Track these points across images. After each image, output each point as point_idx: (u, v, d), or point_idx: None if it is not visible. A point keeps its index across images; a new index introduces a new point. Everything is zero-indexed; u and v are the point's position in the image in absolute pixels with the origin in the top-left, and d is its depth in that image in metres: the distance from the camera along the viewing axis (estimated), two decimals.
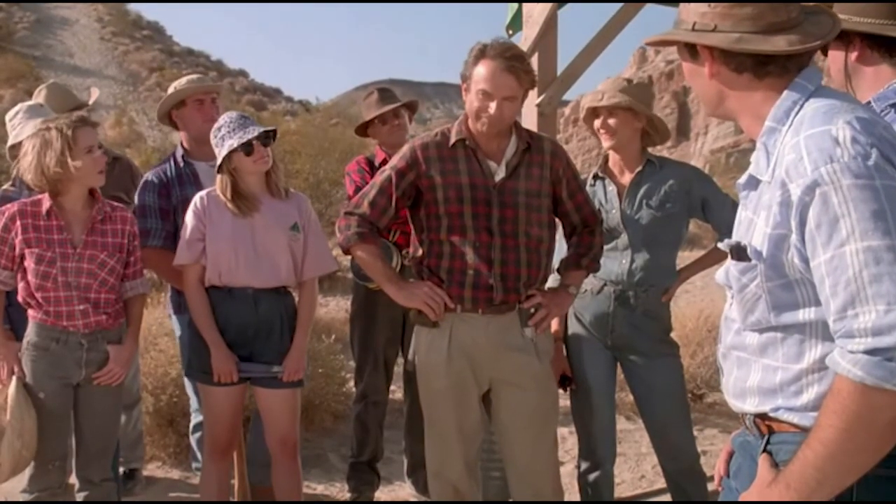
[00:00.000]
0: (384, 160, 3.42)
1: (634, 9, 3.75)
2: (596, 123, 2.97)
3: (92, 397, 2.85)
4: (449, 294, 2.61)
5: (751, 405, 1.44)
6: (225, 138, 2.82)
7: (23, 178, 2.81)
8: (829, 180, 1.22)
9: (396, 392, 4.64)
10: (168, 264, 3.00)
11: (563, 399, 3.09)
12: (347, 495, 3.83)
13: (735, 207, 2.84)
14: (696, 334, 5.73)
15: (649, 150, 3.04)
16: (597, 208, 2.88)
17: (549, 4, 3.60)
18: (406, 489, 3.94)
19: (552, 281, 2.87)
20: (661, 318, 2.98)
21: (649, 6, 3.91)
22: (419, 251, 2.71)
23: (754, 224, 1.37)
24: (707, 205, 2.94)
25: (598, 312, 2.95)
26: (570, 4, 3.99)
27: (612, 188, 2.98)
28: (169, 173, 3.32)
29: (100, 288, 2.82)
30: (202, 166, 3.33)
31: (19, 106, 3.37)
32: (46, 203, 2.78)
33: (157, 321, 5.31)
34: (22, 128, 3.22)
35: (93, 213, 2.83)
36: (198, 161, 3.36)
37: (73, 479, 2.99)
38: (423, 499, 3.67)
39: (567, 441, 4.47)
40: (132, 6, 47.69)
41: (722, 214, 2.91)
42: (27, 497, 2.86)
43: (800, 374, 1.35)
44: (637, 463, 4.46)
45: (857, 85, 1.84)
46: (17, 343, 2.86)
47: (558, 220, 2.83)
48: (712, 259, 3.11)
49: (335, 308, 8.50)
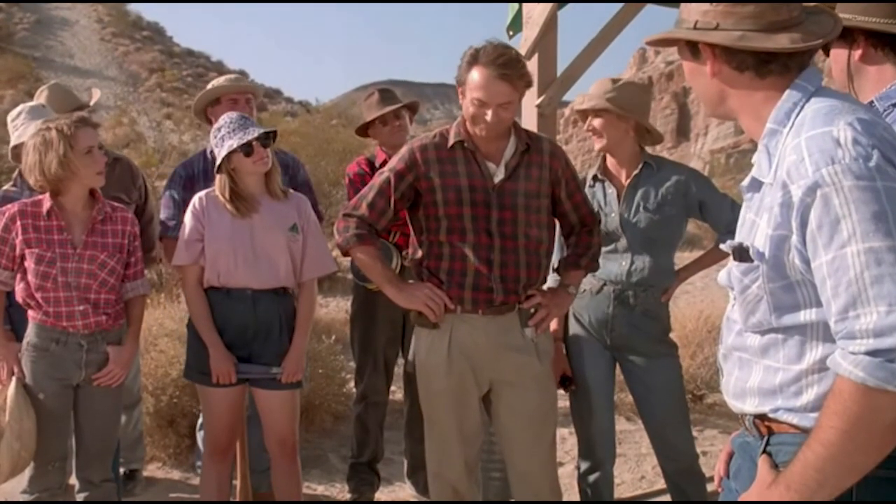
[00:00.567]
0: (384, 161, 3.42)
1: (634, 9, 3.75)
2: (585, 126, 2.99)
3: (92, 398, 2.85)
4: (449, 295, 2.61)
5: (750, 406, 1.44)
6: (224, 139, 2.82)
7: (26, 178, 2.81)
8: (831, 181, 1.22)
9: (397, 393, 4.64)
10: None
11: (563, 399, 3.09)
12: (347, 496, 3.83)
13: (733, 207, 2.86)
14: (696, 335, 5.73)
15: (648, 150, 3.04)
16: (595, 210, 2.88)
17: (549, 5, 3.59)
18: (406, 490, 3.94)
19: (551, 281, 2.87)
20: (661, 319, 2.98)
21: (649, 7, 3.90)
22: (419, 252, 2.71)
23: (756, 225, 1.37)
24: (705, 206, 2.94)
25: (598, 312, 2.95)
26: (570, 5, 3.98)
27: (611, 191, 2.98)
28: (197, 168, 3.41)
29: (100, 288, 2.82)
30: None
31: (21, 107, 3.37)
32: (47, 203, 2.78)
33: (158, 322, 5.30)
34: (25, 129, 3.21)
35: (93, 213, 2.83)
36: None
37: (74, 480, 2.99)
38: (424, 500, 3.67)
39: (567, 441, 4.46)
40: (132, 7, 47.75)
41: (720, 215, 2.91)
42: (27, 498, 2.86)
43: (799, 374, 1.35)
44: (637, 464, 4.46)
45: (859, 84, 1.84)
46: (18, 344, 2.86)
47: (557, 220, 2.82)
48: (711, 259, 3.12)
49: (335, 309, 8.49)
